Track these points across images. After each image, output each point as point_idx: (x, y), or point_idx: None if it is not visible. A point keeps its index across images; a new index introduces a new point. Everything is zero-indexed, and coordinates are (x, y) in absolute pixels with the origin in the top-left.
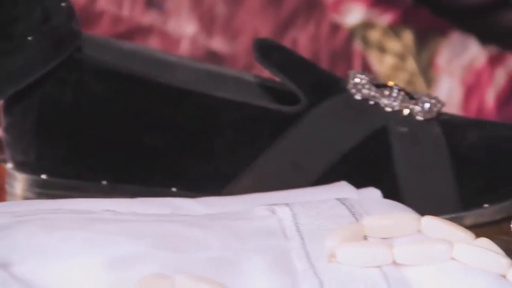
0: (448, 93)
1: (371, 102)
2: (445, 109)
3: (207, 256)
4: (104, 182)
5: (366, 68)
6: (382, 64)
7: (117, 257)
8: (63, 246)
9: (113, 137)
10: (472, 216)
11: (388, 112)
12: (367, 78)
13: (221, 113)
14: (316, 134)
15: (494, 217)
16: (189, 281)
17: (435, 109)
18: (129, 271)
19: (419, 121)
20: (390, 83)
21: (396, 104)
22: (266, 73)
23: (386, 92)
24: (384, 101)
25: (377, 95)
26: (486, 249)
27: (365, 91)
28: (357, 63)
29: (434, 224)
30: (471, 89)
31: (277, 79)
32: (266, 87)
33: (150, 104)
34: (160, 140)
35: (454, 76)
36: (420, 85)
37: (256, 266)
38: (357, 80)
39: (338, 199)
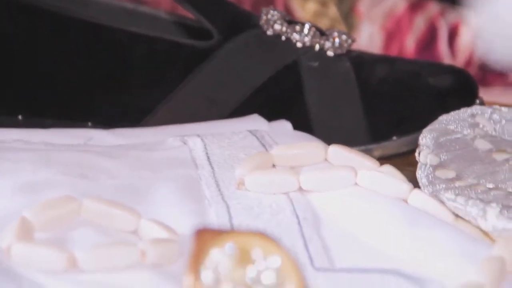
0: (369, 39)
1: (283, 38)
2: None
3: (117, 184)
4: (20, 117)
5: (288, 14)
6: (304, 10)
7: (26, 183)
8: None
9: (26, 72)
10: (380, 149)
11: (300, 48)
12: (279, 14)
13: (133, 47)
14: (228, 68)
15: (401, 149)
16: (96, 204)
17: (345, 45)
18: (38, 195)
19: (329, 56)
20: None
21: (307, 40)
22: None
23: (298, 28)
24: (295, 37)
25: (288, 30)
26: (388, 175)
27: (277, 27)
28: (279, 8)
29: (340, 153)
30: (391, 35)
31: (192, 16)
32: (181, 24)
33: (62, 39)
34: (73, 74)
35: (375, 22)
36: None
37: (166, 194)
38: (269, 16)
39: (249, 131)
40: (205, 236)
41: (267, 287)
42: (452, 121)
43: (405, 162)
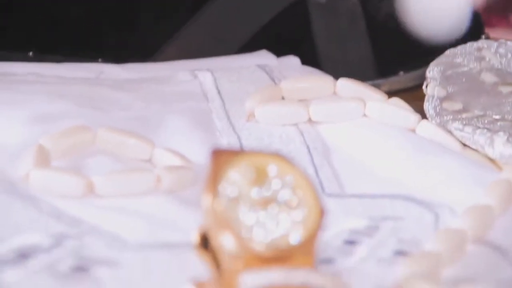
0: None
1: None
2: None
3: (129, 115)
4: (30, 53)
5: None
6: None
7: (40, 114)
8: None
9: (37, 9)
10: (387, 84)
11: None
12: None
13: None
14: (236, 5)
15: (408, 84)
16: (111, 133)
17: None
18: (52, 125)
19: None
20: None
21: None
22: None
23: None
24: None
25: None
26: (396, 106)
27: None
28: None
29: (349, 86)
30: None
31: None
32: None
33: None
34: (82, 11)
35: None
36: None
37: (178, 125)
38: None
39: (258, 65)
40: (221, 157)
41: (283, 205)
42: (458, 55)
43: (412, 97)
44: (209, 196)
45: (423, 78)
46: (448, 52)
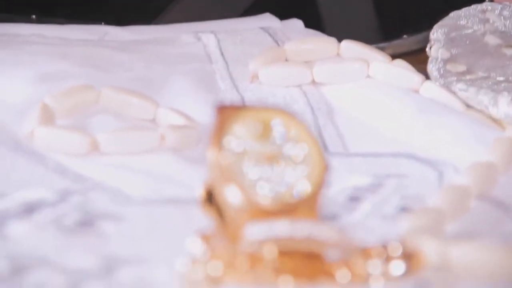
0: None
1: None
2: None
3: (133, 76)
4: (33, 16)
5: None
6: None
7: (44, 73)
8: None
9: None
10: (391, 47)
11: None
12: None
13: None
14: None
15: (412, 47)
16: (115, 92)
17: None
18: (56, 84)
19: None
20: None
21: None
22: None
23: None
24: None
25: None
26: (400, 67)
27: None
28: None
29: (352, 47)
30: None
31: None
32: None
33: None
34: None
35: None
36: None
37: (182, 85)
38: None
39: (261, 28)
40: (226, 112)
41: (288, 159)
42: (463, 17)
43: (416, 60)
44: (214, 150)
45: (426, 41)
46: (452, 14)
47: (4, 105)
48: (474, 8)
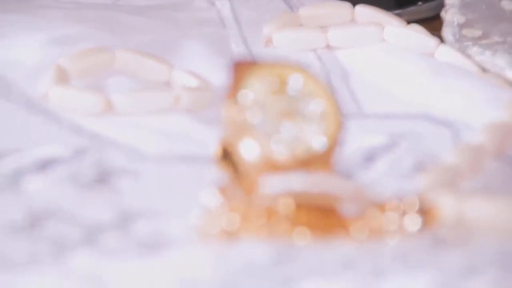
0: None
1: None
2: None
3: (147, 40)
4: None
5: None
6: None
7: (58, 36)
8: (5, 27)
9: None
10: (405, 14)
11: None
12: None
13: None
14: None
15: (427, 14)
16: (129, 54)
17: None
18: (70, 47)
19: None
20: None
21: None
22: None
23: None
24: None
25: None
26: (415, 31)
27: None
28: None
29: (367, 12)
30: None
31: None
32: None
33: None
34: None
35: None
36: None
37: (196, 49)
38: None
39: None
40: (242, 68)
41: (304, 115)
42: None
43: (431, 27)
44: (230, 105)
45: (441, 8)
46: None
47: (19, 66)
48: None
